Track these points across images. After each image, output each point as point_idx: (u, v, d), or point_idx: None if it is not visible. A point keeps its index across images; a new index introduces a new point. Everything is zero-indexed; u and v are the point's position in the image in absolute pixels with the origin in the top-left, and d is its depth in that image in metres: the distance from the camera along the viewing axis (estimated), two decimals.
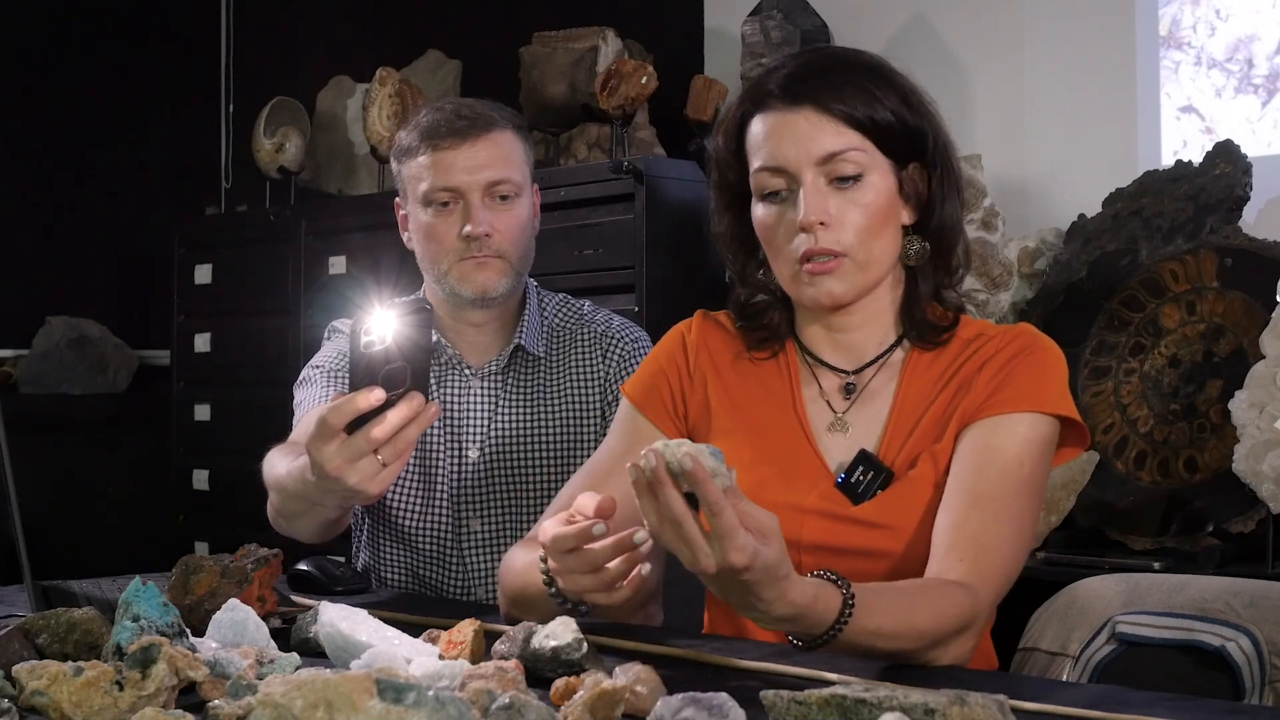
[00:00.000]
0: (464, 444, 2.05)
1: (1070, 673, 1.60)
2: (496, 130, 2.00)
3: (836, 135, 1.49)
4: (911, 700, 0.98)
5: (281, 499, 1.77)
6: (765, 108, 1.52)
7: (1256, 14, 2.96)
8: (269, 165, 4.18)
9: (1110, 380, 2.79)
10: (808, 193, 1.48)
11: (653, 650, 1.38)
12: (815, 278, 1.51)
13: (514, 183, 2.01)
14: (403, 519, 2.06)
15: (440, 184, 1.98)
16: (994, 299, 3.00)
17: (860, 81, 1.50)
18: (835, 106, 1.49)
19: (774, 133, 1.50)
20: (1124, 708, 1.14)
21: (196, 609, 1.49)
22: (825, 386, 1.59)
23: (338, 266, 3.85)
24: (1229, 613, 1.57)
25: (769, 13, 3.30)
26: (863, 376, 1.58)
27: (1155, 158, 3.01)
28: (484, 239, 1.98)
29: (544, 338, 2.09)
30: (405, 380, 1.42)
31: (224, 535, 3.87)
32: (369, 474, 1.46)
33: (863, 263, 1.51)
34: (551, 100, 3.63)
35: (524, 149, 2.05)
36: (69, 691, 1.09)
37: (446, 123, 1.99)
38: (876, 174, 1.51)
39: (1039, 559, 2.58)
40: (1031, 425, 1.49)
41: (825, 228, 1.49)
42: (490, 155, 1.99)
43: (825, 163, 1.49)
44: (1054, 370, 1.54)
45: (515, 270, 2.02)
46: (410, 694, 0.92)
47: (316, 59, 4.56)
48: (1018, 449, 1.48)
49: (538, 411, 2.05)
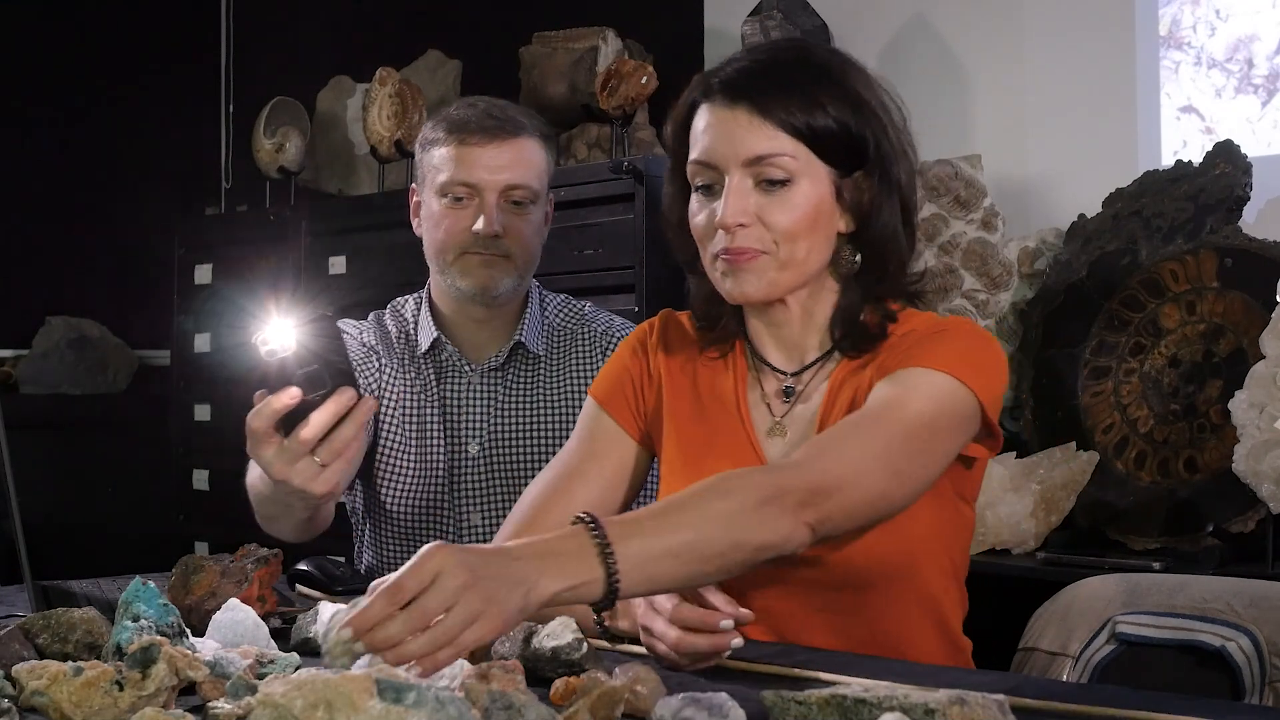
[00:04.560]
0: (464, 439, 2.06)
1: (1070, 673, 1.60)
2: (523, 136, 2.04)
3: (768, 139, 1.46)
4: (911, 700, 0.98)
5: (257, 502, 1.77)
6: (708, 100, 1.51)
7: (1256, 14, 2.96)
8: (269, 165, 4.18)
9: (1110, 380, 2.79)
10: (730, 192, 1.47)
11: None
12: (731, 268, 1.49)
13: (531, 189, 2.03)
14: (403, 515, 2.07)
15: (460, 178, 2.01)
16: (994, 299, 3.00)
17: (805, 85, 1.48)
18: (772, 109, 1.46)
19: (709, 127, 1.49)
20: (1124, 707, 1.14)
21: (196, 609, 1.49)
22: (767, 390, 1.59)
23: (338, 266, 3.85)
24: (1229, 613, 1.57)
25: (769, 13, 3.30)
26: (801, 379, 1.57)
27: (1155, 158, 3.01)
28: (493, 238, 2.00)
29: (544, 337, 2.11)
30: (326, 381, 1.41)
31: (224, 535, 3.87)
32: (310, 475, 1.44)
33: (783, 261, 1.49)
34: (551, 100, 3.63)
35: (546, 158, 2.08)
36: (69, 691, 1.09)
37: (476, 120, 2.02)
38: (808, 181, 1.48)
39: (1039, 559, 2.58)
40: (930, 379, 1.44)
41: (744, 229, 1.47)
42: (513, 159, 2.01)
43: (753, 164, 1.47)
44: (977, 349, 1.50)
45: (519, 272, 2.04)
46: (410, 694, 0.92)
47: (316, 59, 4.56)
48: (905, 392, 1.44)
49: (536, 408, 2.07)
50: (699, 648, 1.30)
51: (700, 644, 1.30)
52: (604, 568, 1.17)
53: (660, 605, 1.32)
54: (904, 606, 1.53)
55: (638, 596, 1.24)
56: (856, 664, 1.33)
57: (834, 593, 1.50)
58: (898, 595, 1.52)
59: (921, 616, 1.55)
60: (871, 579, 1.50)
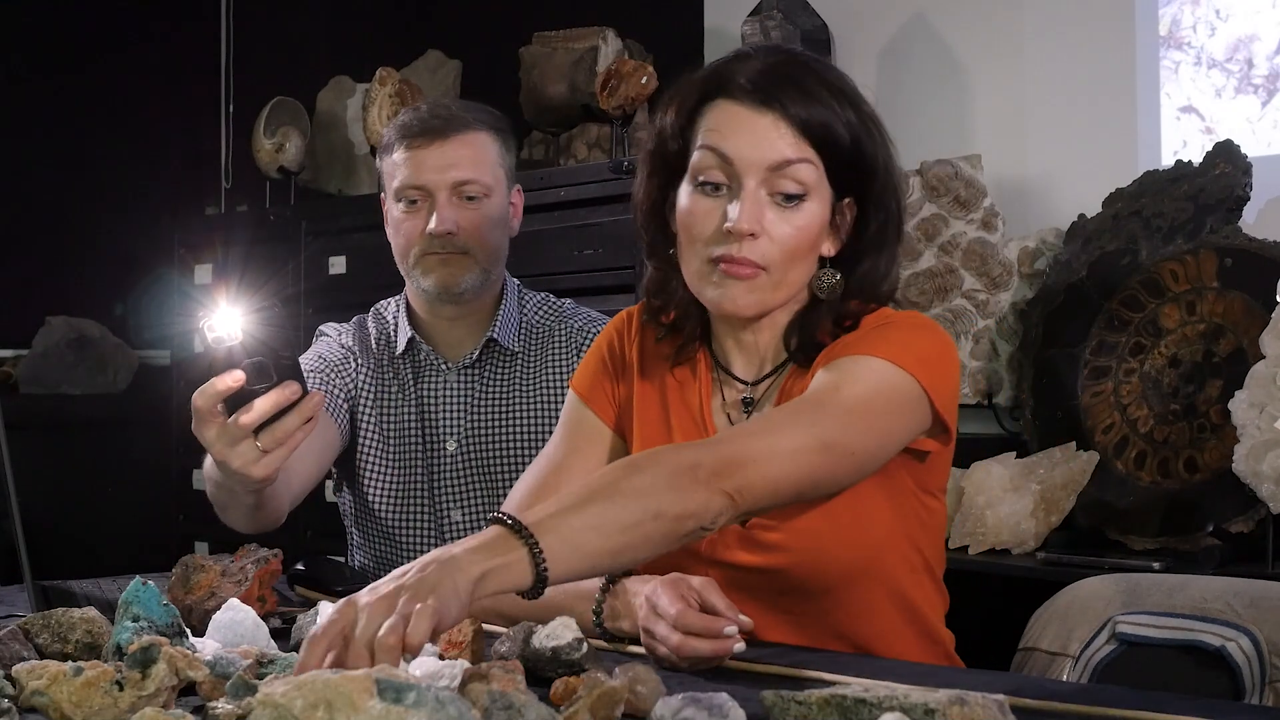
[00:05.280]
0: (442, 436, 2.09)
1: (1070, 673, 1.60)
2: (469, 131, 2.06)
3: (793, 145, 1.46)
4: (911, 700, 0.98)
5: (210, 490, 1.80)
6: (730, 97, 1.48)
7: (1256, 14, 2.96)
8: (269, 165, 4.18)
9: (1110, 380, 2.79)
10: (747, 199, 1.46)
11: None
12: (726, 280, 1.48)
13: (482, 183, 2.05)
14: (385, 514, 2.10)
15: (410, 181, 2.04)
16: (994, 299, 3.00)
17: (827, 97, 1.47)
18: (800, 116, 1.46)
19: (732, 124, 1.47)
20: (1124, 707, 1.14)
21: (196, 609, 1.49)
22: (728, 398, 1.58)
23: (338, 266, 3.85)
24: (1229, 613, 1.57)
25: (769, 13, 3.30)
26: (759, 389, 1.57)
27: (1155, 158, 3.01)
28: (447, 236, 2.02)
29: (521, 333, 2.12)
30: (271, 374, 1.43)
31: (224, 535, 3.84)
32: (250, 458, 1.46)
33: (777, 281, 1.49)
34: (551, 100, 3.63)
35: (499, 151, 2.10)
36: (69, 691, 1.09)
37: (420, 121, 2.06)
38: (816, 200, 1.48)
39: (1039, 559, 2.58)
40: (867, 363, 1.43)
41: (754, 239, 1.46)
42: (459, 155, 2.04)
43: (775, 170, 1.46)
44: (922, 340, 1.49)
45: (481, 267, 2.06)
46: (410, 694, 0.92)
47: (316, 59, 4.56)
48: (839, 375, 1.43)
49: (513, 405, 2.09)
50: (701, 652, 1.30)
51: (703, 649, 1.30)
52: (526, 547, 1.17)
53: (664, 610, 1.32)
54: (871, 605, 1.52)
55: (575, 575, 1.23)
56: (856, 664, 1.33)
57: (792, 596, 1.50)
58: (862, 595, 1.51)
59: (894, 614, 1.54)
60: (830, 582, 1.49)
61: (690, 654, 1.30)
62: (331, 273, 3.87)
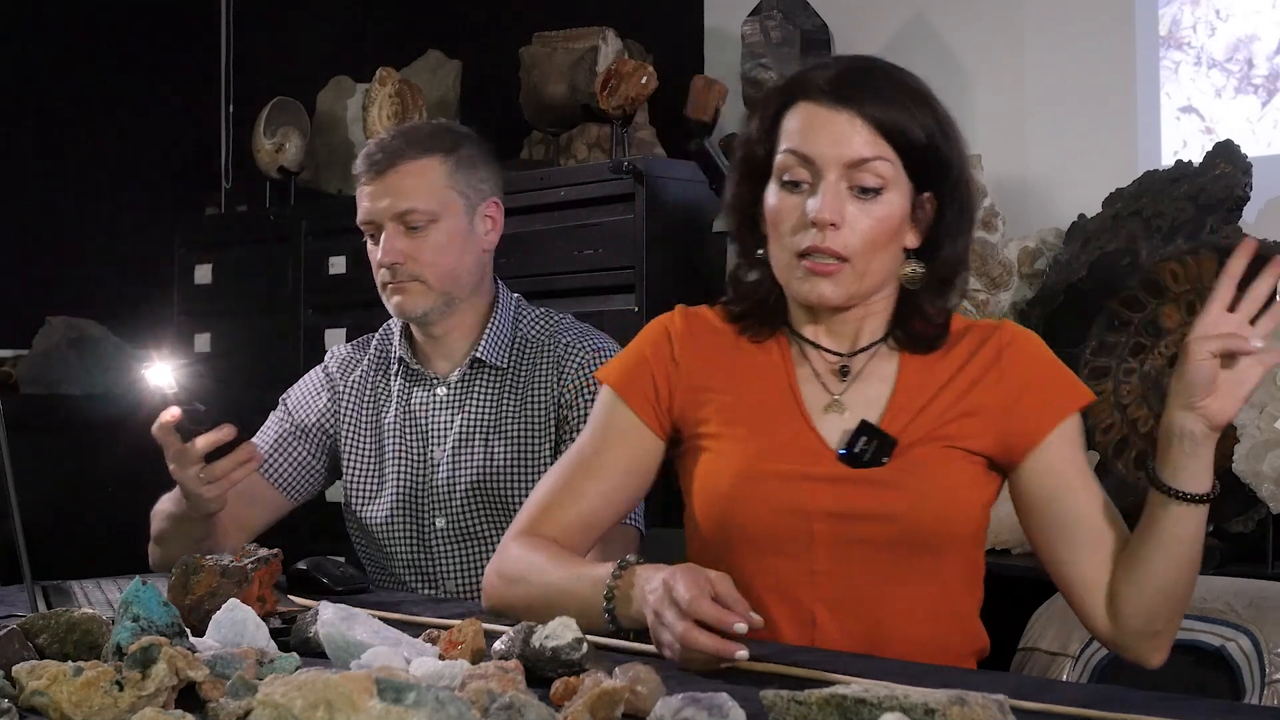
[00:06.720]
0: (429, 446, 2.14)
1: (1070, 673, 1.60)
2: (409, 160, 2.09)
3: (870, 143, 1.52)
4: (911, 700, 0.98)
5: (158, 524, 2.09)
6: (809, 99, 1.55)
7: (1256, 14, 2.96)
8: (269, 165, 4.18)
9: (1110, 380, 2.79)
10: (828, 190, 1.51)
11: (653, 650, 1.38)
12: (812, 276, 1.54)
13: (424, 210, 2.08)
14: (374, 523, 2.16)
15: (363, 217, 2.12)
16: (994, 299, 3.00)
17: (904, 99, 1.55)
18: (876, 116, 1.52)
19: (811, 124, 1.54)
20: (1124, 708, 1.14)
21: (196, 609, 1.49)
22: (819, 369, 1.61)
23: (338, 266, 3.85)
24: (1229, 613, 1.57)
25: (769, 13, 3.30)
26: (856, 361, 1.60)
27: (1155, 158, 3.01)
28: (395, 266, 2.08)
29: (513, 349, 2.15)
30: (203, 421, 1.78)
31: None
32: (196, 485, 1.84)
33: (861, 272, 1.54)
34: (551, 100, 3.63)
35: (447, 173, 2.11)
36: (69, 691, 1.09)
37: (367, 157, 2.12)
38: (895, 192, 1.54)
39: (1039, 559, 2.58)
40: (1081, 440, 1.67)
41: (835, 229, 1.51)
42: (401, 185, 2.08)
43: (852, 167, 1.52)
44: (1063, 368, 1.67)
45: (438, 291, 2.10)
46: (410, 694, 0.92)
47: (316, 59, 4.55)
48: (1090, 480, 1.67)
49: (500, 419, 2.12)
50: (703, 646, 1.30)
51: (706, 643, 1.29)
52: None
53: (679, 595, 1.32)
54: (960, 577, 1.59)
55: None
56: (856, 664, 1.33)
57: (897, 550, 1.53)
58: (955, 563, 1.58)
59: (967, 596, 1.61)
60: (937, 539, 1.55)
61: (692, 645, 1.30)
62: (331, 273, 3.87)
